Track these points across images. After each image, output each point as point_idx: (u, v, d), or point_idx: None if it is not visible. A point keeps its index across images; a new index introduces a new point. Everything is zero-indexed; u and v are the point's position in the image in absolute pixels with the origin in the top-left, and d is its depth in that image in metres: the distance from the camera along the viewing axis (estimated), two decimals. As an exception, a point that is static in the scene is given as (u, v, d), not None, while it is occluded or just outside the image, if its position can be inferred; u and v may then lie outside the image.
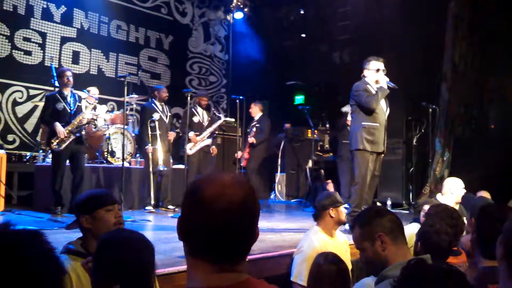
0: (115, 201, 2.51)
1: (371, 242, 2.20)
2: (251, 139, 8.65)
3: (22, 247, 1.11)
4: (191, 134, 7.72)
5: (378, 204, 8.44)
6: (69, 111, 6.53)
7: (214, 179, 1.27)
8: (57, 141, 6.35)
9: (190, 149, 7.73)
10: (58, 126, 6.38)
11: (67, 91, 6.59)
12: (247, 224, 1.26)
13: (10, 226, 1.16)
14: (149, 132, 7.33)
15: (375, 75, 5.50)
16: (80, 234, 2.47)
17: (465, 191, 5.29)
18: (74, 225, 2.53)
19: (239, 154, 8.34)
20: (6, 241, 1.11)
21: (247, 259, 1.31)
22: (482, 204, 2.59)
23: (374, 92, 5.41)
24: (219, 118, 8.52)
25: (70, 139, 6.44)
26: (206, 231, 1.22)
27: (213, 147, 8.11)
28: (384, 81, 5.45)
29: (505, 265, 1.62)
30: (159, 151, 7.33)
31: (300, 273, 3.51)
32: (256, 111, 8.91)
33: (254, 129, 8.68)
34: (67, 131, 6.41)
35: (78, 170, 6.59)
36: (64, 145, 6.39)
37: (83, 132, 6.70)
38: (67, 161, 6.59)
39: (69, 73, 6.59)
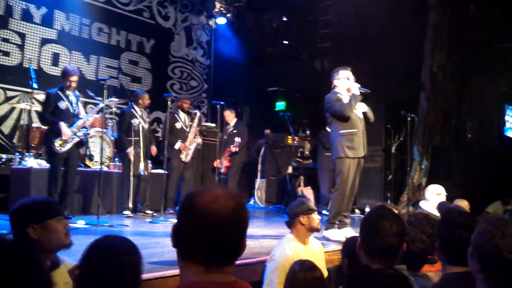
0: (61, 211, 2.39)
1: None
2: (234, 149, 8.64)
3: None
4: (178, 144, 7.79)
5: (357, 211, 8.52)
6: (71, 111, 6.35)
7: (207, 190, 1.38)
8: (61, 142, 6.17)
9: (186, 157, 7.88)
10: (64, 127, 6.17)
11: (69, 90, 6.37)
12: (235, 234, 1.36)
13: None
14: (128, 138, 7.25)
15: (346, 83, 5.53)
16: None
17: (444, 198, 5.37)
18: (8, 235, 2.20)
19: (217, 162, 8.29)
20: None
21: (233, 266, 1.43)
22: (444, 212, 2.62)
23: (346, 100, 5.44)
24: (195, 114, 8.44)
25: (74, 141, 6.28)
26: (197, 237, 1.32)
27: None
28: (356, 88, 5.47)
29: (482, 278, 1.63)
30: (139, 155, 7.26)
31: (271, 281, 3.46)
32: (232, 118, 8.94)
33: (238, 139, 8.65)
34: (72, 132, 6.25)
35: (73, 174, 6.45)
36: (67, 147, 6.20)
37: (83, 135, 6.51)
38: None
39: (76, 78, 6.36)
